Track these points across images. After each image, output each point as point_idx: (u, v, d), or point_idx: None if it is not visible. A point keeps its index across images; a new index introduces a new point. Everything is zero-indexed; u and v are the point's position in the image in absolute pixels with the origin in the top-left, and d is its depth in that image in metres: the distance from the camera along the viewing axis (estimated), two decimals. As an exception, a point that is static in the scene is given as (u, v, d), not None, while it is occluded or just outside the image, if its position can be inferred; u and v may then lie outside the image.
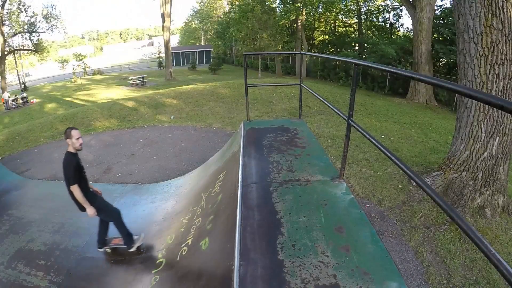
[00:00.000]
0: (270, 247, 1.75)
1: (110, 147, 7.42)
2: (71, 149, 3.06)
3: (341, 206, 2.10)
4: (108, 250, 3.50)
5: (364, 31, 25.37)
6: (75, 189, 2.92)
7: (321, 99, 3.07)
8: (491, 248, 0.95)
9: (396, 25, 24.66)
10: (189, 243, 2.85)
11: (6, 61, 25.88)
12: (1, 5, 22.81)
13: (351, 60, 2.24)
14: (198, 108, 10.03)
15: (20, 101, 19.92)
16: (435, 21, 15.17)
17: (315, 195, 2.24)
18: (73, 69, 31.16)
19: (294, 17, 23.70)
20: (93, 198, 3.15)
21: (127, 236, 3.39)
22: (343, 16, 26.44)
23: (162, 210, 4.21)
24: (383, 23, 24.83)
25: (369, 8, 24.46)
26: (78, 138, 3.04)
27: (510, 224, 4.06)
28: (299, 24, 23.61)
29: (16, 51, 27.07)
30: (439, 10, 16.91)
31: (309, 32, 27.64)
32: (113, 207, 3.40)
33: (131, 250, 3.35)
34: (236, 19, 24.30)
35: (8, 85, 26.15)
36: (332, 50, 26.49)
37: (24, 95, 20.90)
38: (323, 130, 7.44)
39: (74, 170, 2.96)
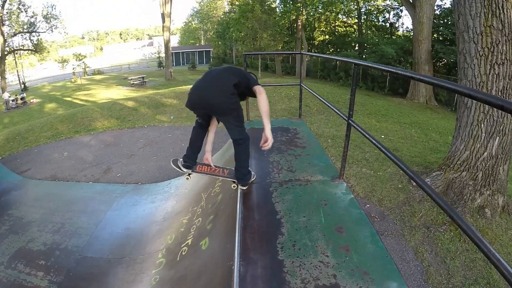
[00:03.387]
0: (270, 247, 1.75)
1: (110, 147, 7.42)
2: None
3: (341, 206, 2.10)
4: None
5: (364, 31, 25.37)
6: (263, 90, 2.21)
7: (321, 99, 3.07)
8: (491, 248, 0.95)
9: (396, 25, 24.69)
10: (189, 243, 2.85)
11: (6, 61, 25.84)
12: (1, 5, 22.79)
13: (351, 60, 2.24)
14: (198, 108, 10.01)
15: (20, 101, 19.92)
16: (435, 21, 15.17)
17: (315, 195, 2.24)
18: (73, 69, 31.13)
19: (294, 17, 23.70)
20: None
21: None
22: (343, 16, 26.44)
23: (162, 210, 4.21)
24: (383, 23, 24.83)
25: (369, 8, 24.45)
26: None
27: (510, 224, 4.06)
28: (299, 24, 23.60)
29: (16, 51, 27.04)
30: (439, 10, 16.92)
31: (309, 32, 27.63)
32: None
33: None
34: (236, 19, 24.27)
35: (8, 85, 26.12)
36: (332, 50, 26.48)
37: (24, 95, 20.89)
38: (323, 130, 7.44)
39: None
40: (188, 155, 2.45)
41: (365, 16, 25.25)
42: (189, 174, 2.54)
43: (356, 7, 24.41)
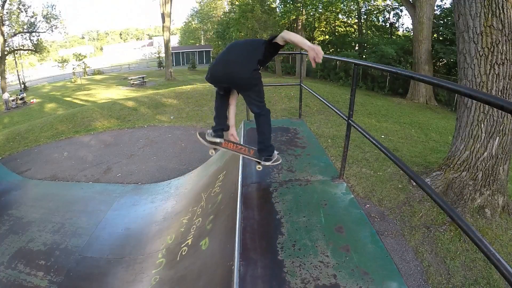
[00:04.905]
0: (270, 247, 1.75)
1: (110, 147, 7.42)
2: None
3: (341, 206, 2.10)
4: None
5: (364, 31, 25.35)
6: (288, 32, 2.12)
7: (321, 99, 3.07)
8: (491, 248, 0.95)
9: (396, 25, 24.66)
10: (189, 243, 2.85)
11: (6, 61, 25.82)
12: (1, 5, 22.78)
13: (351, 60, 2.25)
14: (198, 108, 10.03)
15: (19, 101, 19.92)
16: (435, 21, 15.16)
17: (315, 195, 2.24)
18: (73, 69, 31.11)
19: (294, 17, 23.67)
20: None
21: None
22: (343, 16, 26.42)
23: (162, 210, 4.21)
24: (383, 23, 24.81)
25: (369, 8, 24.44)
26: None
27: (510, 224, 4.06)
28: (299, 24, 23.59)
29: (16, 51, 27.03)
30: (439, 10, 16.90)
31: (309, 32, 27.59)
32: None
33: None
34: (236, 19, 24.26)
35: (8, 85, 26.11)
36: (332, 50, 26.43)
37: (24, 95, 20.89)
38: (323, 130, 7.44)
39: None
40: (217, 124, 2.36)
41: (365, 16, 25.22)
42: (214, 149, 2.41)
43: (356, 7, 24.40)
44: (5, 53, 24.27)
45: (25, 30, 25.24)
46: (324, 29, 28.06)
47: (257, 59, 2.12)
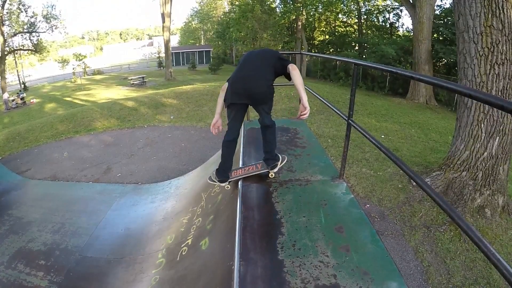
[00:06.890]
0: (270, 247, 1.74)
1: (110, 147, 7.42)
2: None
3: (341, 206, 2.10)
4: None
5: (364, 31, 25.35)
6: (296, 67, 2.34)
7: (321, 99, 3.07)
8: (491, 248, 0.95)
9: (396, 25, 24.66)
10: (189, 243, 2.85)
11: (6, 61, 25.78)
12: (1, 5, 22.76)
13: (351, 60, 2.25)
14: (198, 108, 10.03)
15: (19, 101, 19.92)
16: (435, 21, 15.16)
17: (315, 195, 2.24)
18: (73, 69, 31.08)
19: (294, 17, 23.69)
20: None
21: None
22: (343, 16, 26.42)
23: (162, 210, 4.21)
24: (383, 23, 24.81)
25: (369, 8, 24.44)
26: None
27: (510, 224, 4.06)
28: (299, 24, 23.60)
29: (16, 51, 27.00)
30: (439, 10, 16.91)
31: (309, 32, 27.60)
32: None
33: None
34: (236, 19, 24.28)
35: (8, 85, 26.08)
36: (332, 50, 26.44)
37: (24, 95, 20.89)
38: (323, 130, 7.44)
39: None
40: (223, 174, 2.51)
41: (365, 16, 25.22)
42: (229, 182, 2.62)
43: (356, 7, 24.40)
44: (5, 53, 24.24)
45: (25, 30, 25.20)
46: (324, 29, 28.06)
47: (271, 75, 2.29)
